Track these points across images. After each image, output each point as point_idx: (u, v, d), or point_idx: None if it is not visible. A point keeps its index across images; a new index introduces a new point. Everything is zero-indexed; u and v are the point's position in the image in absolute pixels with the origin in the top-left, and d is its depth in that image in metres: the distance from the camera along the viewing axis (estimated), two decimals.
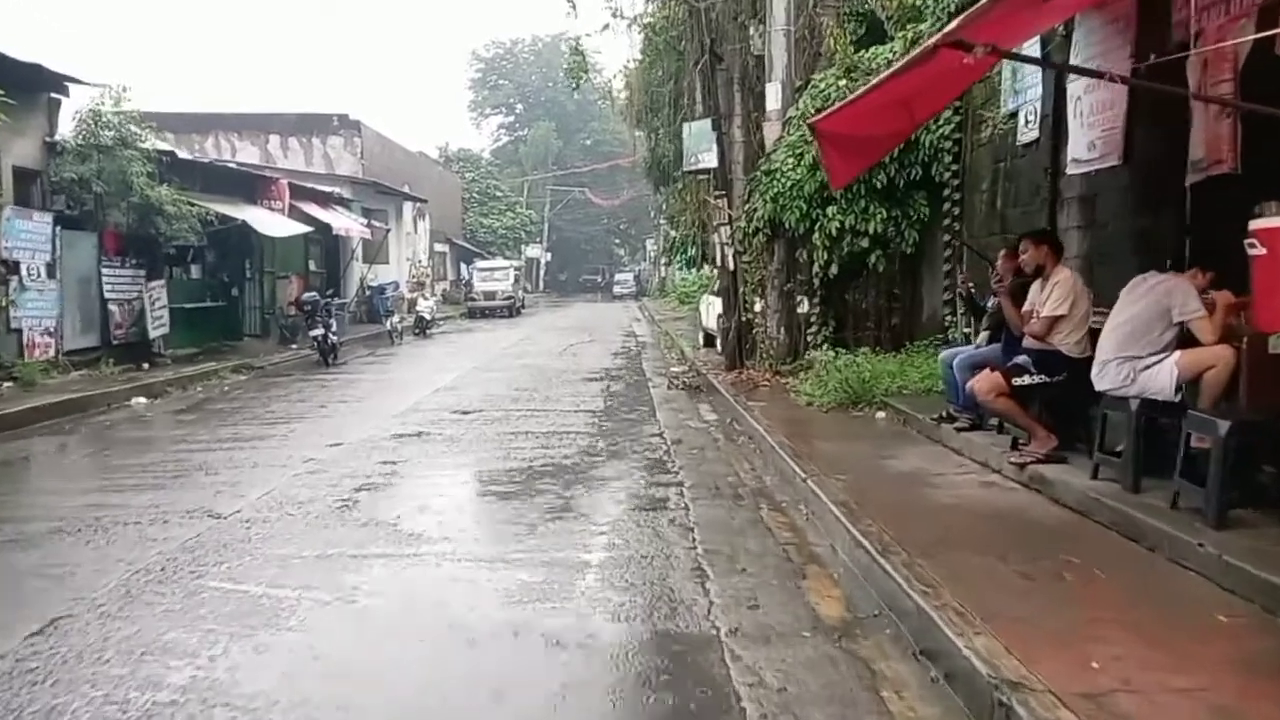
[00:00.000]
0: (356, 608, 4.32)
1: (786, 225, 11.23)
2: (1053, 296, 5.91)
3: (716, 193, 12.97)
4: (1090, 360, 5.48)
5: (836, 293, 12.09)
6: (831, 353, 9.80)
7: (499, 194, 54.70)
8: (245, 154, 30.18)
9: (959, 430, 6.89)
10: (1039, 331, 5.95)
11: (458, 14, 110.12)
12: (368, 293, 25.79)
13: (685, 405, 11.17)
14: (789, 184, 11.16)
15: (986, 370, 6.18)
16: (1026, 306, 6.24)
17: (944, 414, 7.28)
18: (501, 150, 66.37)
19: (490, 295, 33.99)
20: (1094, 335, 5.65)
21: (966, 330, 9.89)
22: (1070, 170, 7.26)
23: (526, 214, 56.43)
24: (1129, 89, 5.87)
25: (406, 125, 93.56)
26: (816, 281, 11.54)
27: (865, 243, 10.83)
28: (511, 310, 33.98)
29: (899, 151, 10.37)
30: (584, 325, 28.60)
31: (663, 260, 37.18)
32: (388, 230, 27.21)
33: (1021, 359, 6.01)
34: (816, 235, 10.93)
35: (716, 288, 16.77)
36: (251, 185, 18.61)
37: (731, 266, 12.82)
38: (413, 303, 25.69)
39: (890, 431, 8.00)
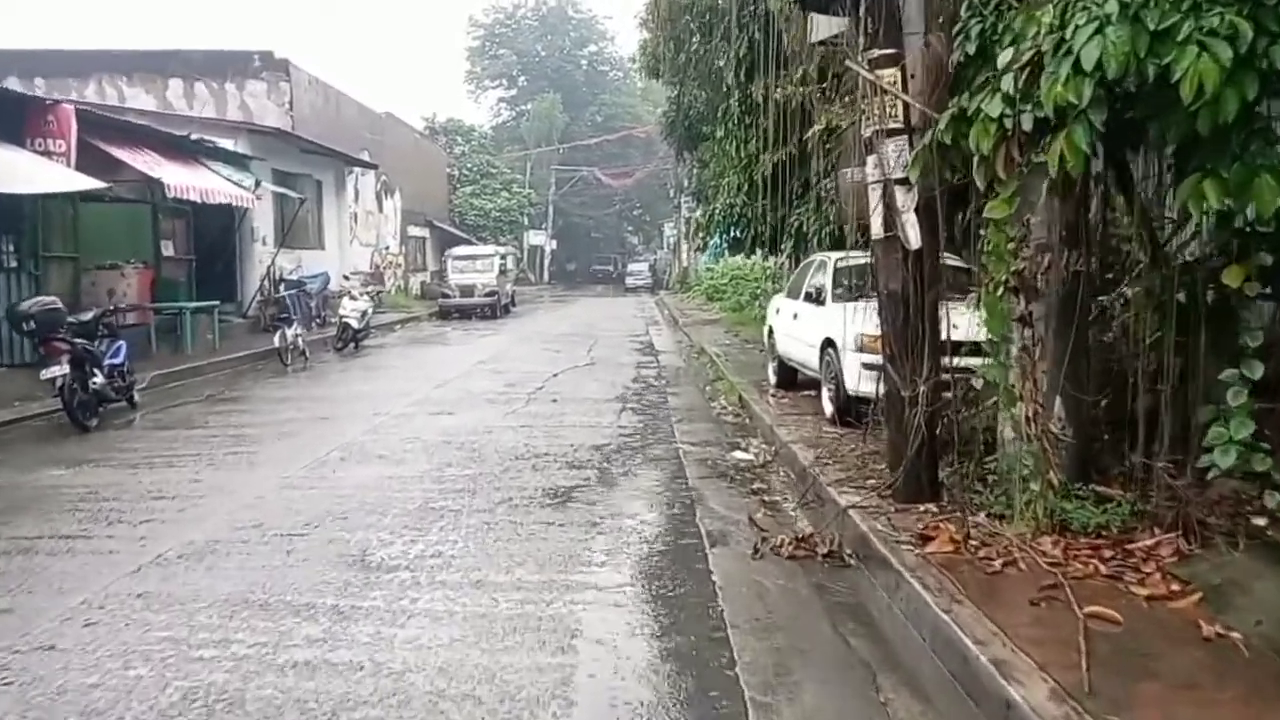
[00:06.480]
0: None
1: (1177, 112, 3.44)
2: None
3: (877, 54, 5.20)
4: None
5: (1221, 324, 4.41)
6: None
7: (493, 170, 47.03)
8: (139, 102, 22.63)
9: None
10: None
11: None
12: (280, 289, 18.20)
13: None
14: None
15: None
16: None
17: None
18: (502, 126, 58.85)
19: (467, 290, 26.19)
20: None
21: None
22: None
23: (525, 194, 48.68)
24: None
25: (401, 102, 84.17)
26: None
27: None
28: (495, 309, 26.27)
29: None
30: (585, 330, 20.92)
31: (694, 244, 29.26)
32: (303, 200, 19.43)
33: None
34: None
35: (817, 289, 9.05)
36: (11, 115, 10.97)
37: (914, 243, 5.09)
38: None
39: None
